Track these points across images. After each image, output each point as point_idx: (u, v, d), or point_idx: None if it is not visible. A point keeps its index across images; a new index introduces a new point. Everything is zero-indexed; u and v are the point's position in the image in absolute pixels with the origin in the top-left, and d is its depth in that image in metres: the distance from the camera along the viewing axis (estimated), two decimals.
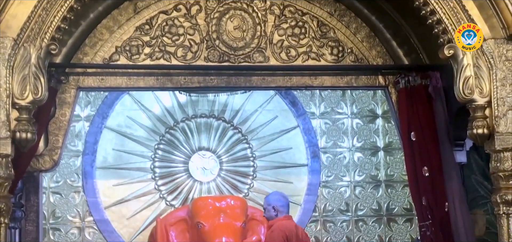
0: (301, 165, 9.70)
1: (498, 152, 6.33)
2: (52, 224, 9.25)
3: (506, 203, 6.31)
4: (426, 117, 7.27)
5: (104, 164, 9.45)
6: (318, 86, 7.97)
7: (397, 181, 9.69)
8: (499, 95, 6.30)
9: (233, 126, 9.66)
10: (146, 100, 9.44)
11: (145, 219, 9.39)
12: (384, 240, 9.72)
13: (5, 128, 5.92)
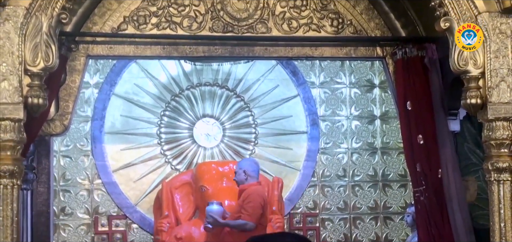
0: (301, 133, 9.75)
1: (490, 121, 6.34)
2: (62, 186, 9.32)
3: (497, 170, 6.33)
4: (422, 87, 7.26)
5: (112, 129, 9.50)
6: (318, 57, 7.96)
7: (392, 148, 9.74)
8: (492, 67, 6.30)
9: (236, 94, 9.69)
10: (152, 68, 9.46)
11: (151, 182, 9.45)
12: (379, 205, 9.78)
13: (18, 94, 5.93)
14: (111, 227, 9.41)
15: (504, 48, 6.32)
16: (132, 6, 7.40)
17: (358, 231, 9.74)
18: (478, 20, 6.32)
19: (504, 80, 6.29)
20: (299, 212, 9.69)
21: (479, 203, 7.85)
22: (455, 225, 7.11)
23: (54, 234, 8.43)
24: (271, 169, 9.55)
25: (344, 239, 9.69)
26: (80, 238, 9.36)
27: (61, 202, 9.27)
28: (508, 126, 6.33)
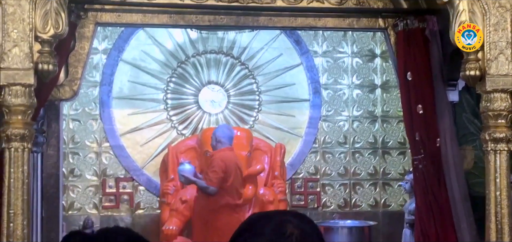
0: (303, 100, 9.76)
1: (488, 92, 6.33)
2: (72, 148, 9.36)
3: (494, 141, 6.34)
4: (422, 59, 7.25)
5: (120, 95, 9.52)
6: (321, 27, 7.95)
7: (392, 117, 9.75)
8: (491, 40, 6.28)
9: (240, 62, 9.69)
10: (159, 35, 9.46)
11: (158, 146, 9.49)
12: (379, 171, 9.81)
13: (28, 60, 5.92)
14: (118, 189, 9.47)
15: (503, 21, 6.29)
16: None
17: (357, 196, 9.79)
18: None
19: (502, 52, 6.28)
20: (301, 177, 9.75)
21: (476, 171, 7.87)
22: (452, 192, 7.13)
23: (63, 195, 8.48)
24: (274, 136, 9.59)
25: (344, 204, 9.75)
26: (89, 199, 9.42)
27: (70, 164, 9.31)
28: (506, 97, 6.32)
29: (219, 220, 7.86)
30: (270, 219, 1.62)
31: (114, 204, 9.44)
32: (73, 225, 8.98)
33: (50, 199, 7.72)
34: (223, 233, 7.79)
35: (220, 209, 7.86)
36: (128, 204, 9.45)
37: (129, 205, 9.44)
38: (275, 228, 1.58)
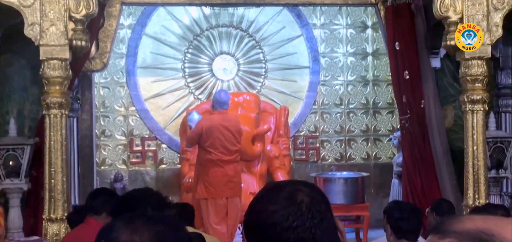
0: (304, 67, 9.71)
1: (466, 60, 6.32)
2: (103, 112, 9.37)
3: (472, 102, 6.35)
4: (408, 30, 7.22)
5: (144, 64, 9.50)
6: (319, 3, 7.94)
7: (382, 81, 9.72)
8: (469, 13, 6.25)
9: (248, 34, 9.64)
10: (177, 12, 9.40)
11: (177, 109, 9.49)
12: (370, 128, 9.81)
13: (64, 37, 5.93)
14: (144, 147, 9.49)
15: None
16: None
17: (351, 150, 9.78)
18: None
19: (479, 24, 6.25)
20: (302, 135, 9.74)
21: (456, 128, 7.85)
22: (434, 147, 7.16)
23: (96, 153, 8.51)
24: (279, 99, 9.56)
25: (340, 157, 9.75)
26: (118, 156, 9.44)
27: (101, 126, 9.33)
28: (482, 64, 6.32)
29: (207, 174, 7.80)
30: (283, 188, 1.61)
31: (140, 160, 9.47)
32: (105, 179, 9.05)
33: (85, 157, 7.78)
34: (210, 184, 7.77)
35: (206, 164, 7.76)
36: (153, 160, 9.48)
37: (154, 161, 9.47)
38: (287, 197, 1.57)
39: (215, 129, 7.67)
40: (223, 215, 7.63)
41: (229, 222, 7.65)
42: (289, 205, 1.55)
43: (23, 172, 6.62)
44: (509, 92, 7.72)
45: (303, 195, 1.57)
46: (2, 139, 6.87)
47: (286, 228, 1.53)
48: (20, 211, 6.69)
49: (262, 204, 1.58)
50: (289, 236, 1.53)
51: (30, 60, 6.91)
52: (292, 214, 1.54)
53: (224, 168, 7.66)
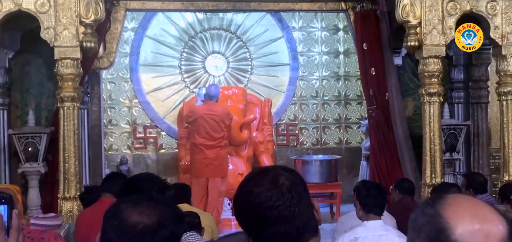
0: (285, 64, 9.73)
1: (424, 58, 6.36)
2: (109, 104, 9.35)
3: (429, 95, 6.39)
4: (374, 32, 7.24)
5: (145, 62, 9.47)
6: (298, 9, 7.92)
7: (352, 76, 9.75)
8: (427, 18, 6.28)
9: (236, 36, 9.64)
10: (174, 16, 9.38)
11: (175, 101, 9.48)
12: (342, 117, 9.84)
13: (75, 39, 5.91)
14: (146, 134, 9.48)
15: (436, 3, 6.30)
16: None
17: (326, 136, 9.83)
18: None
19: (435, 28, 6.29)
20: (284, 123, 9.77)
21: (415, 117, 7.91)
22: (397, 133, 7.19)
23: (104, 139, 8.49)
24: (263, 92, 9.56)
25: (316, 142, 9.79)
26: (123, 142, 9.43)
27: (108, 116, 9.31)
28: (437, 62, 6.36)
29: (194, 155, 7.91)
30: (267, 173, 1.62)
31: (143, 145, 9.46)
32: (112, 162, 9.04)
33: (95, 144, 7.76)
34: (193, 164, 7.90)
35: (191, 147, 7.96)
36: (154, 145, 9.47)
37: (154, 146, 9.47)
38: (271, 180, 1.58)
39: (200, 118, 7.76)
40: (203, 194, 7.65)
41: (209, 199, 7.69)
42: (272, 187, 1.56)
43: (40, 157, 6.61)
44: (461, 86, 7.77)
45: (284, 178, 1.58)
46: (22, 128, 6.86)
47: (269, 207, 1.55)
48: (38, 191, 6.69)
49: (249, 186, 1.60)
50: (272, 214, 1.55)
51: (46, 59, 6.89)
52: (274, 195, 1.56)
53: (205, 152, 7.73)
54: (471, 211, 1.27)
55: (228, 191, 8.24)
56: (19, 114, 7.24)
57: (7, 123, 6.94)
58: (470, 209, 1.27)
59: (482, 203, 1.31)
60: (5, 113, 6.94)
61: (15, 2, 5.87)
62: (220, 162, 7.84)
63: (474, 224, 1.25)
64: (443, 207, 1.29)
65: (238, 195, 1.64)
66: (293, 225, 1.56)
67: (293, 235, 1.56)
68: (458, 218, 1.26)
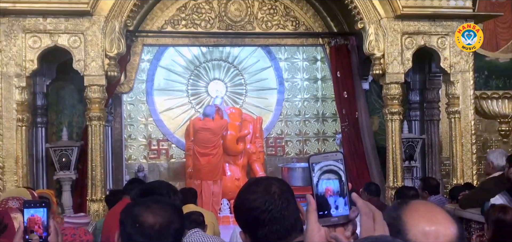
0: (273, 89, 9.71)
1: (387, 84, 6.42)
2: (129, 122, 9.30)
3: (391, 113, 6.45)
4: (347, 63, 7.30)
5: (158, 87, 9.43)
6: (283, 44, 7.97)
7: (328, 98, 9.74)
8: (388, 51, 6.35)
9: (233, 65, 9.62)
10: (182, 50, 9.35)
11: (183, 119, 9.42)
12: (320, 131, 9.83)
13: (101, 69, 5.93)
14: (159, 146, 9.42)
15: (396, 39, 6.37)
16: (170, 13, 7.35)
17: (307, 147, 9.80)
18: (381, 22, 6.33)
19: (395, 59, 6.35)
20: (272, 136, 9.74)
21: (380, 132, 7.92)
22: (365, 145, 7.23)
23: (125, 151, 8.46)
24: (255, 111, 9.54)
25: (299, 152, 9.76)
26: (140, 153, 9.37)
27: (128, 131, 9.26)
28: (398, 87, 6.42)
29: (195, 160, 8.07)
30: (261, 182, 1.64)
31: (156, 156, 9.41)
32: (131, 170, 8.98)
33: (117, 155, 7.75)
34: (199, 171, 8.00)
35: (195, 154, 8.11)
36: (165, 155, 9.42)
37: (166, 156, 9.41)
38: (264, 188, 1.60)
39: (197, 131, 7.93)
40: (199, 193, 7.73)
41: (203, 198, 7.78)
42: (265, 194, 1.58)
43: (72, 166, 6.61)
44: (417, 106, 7.81)
45: (275, 187, 1.60)
46: (57, 143, 6.85)
47: (263, 210, 1.57)
48: (70, 194, 6.67)
49: (246, 193, 1.61)
50: (266, 216, 1.56)
51: (77, 85, 6.90)
52: (267, 201, 1.57)
53: (200, 159, 7.89)
54: (426, 216, 1.28)
55: (226, 192, 8.26)
56: (54, 131, 7.22)
57: (45, 138, 6.93)
58: (426, 214, 1.28)
59: (438, 208, 1.32)
60: (43, 130, 6.93)
61: (52, 39, 5.89)
62: (210, 168, 7.95)
63: (427, 227, 1.26)
64: (404, 211, 1.30)
65: (238, 201, 1.65)
66: (283, 225, 1.57)
67: (283, 233, 1.57)
68: (414, 221, 1.27)
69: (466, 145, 6.52)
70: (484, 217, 3.83)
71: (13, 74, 5.82)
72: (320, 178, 1.32)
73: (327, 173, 1.32)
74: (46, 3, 5.86)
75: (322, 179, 1.32)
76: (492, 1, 8.10)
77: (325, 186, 1.32)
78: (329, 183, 1.32)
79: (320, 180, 1.32)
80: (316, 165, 1.32)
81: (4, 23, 5.86)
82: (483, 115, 8.10)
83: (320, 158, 1.33)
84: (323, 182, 1.32)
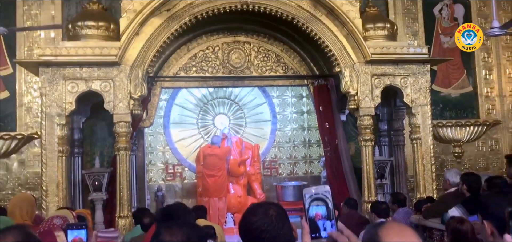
0: (267, 121, 9.72)
1: (361, 116, 6.45)
2: (149, 150, 9.27)
3: (365, 140, 6.46)
4: (327, 99, 7.34)
5: (174, 121, 9.43)
6: (276, 85, 8.02)
7: (313, 128, 9.72)
8: (361, 90, 6.40)
9: (235, 102, 9.65)
10: (193, 91, 9.38)
11: (194, 147, 9.38)
12: (307, 155, 9.80)
13: (127, 109, 5.96)
14: (175, 170, 9.37)
15: (367, 80, 6.42)
16: (183, 62, 7.41)
17: (297, 168, 9.75)
18: (354, 66, 6.38)
19: (367, 96, 6.39)
20: (268, 160, 9.69)
21: (356, 155, 7.90)
22: (344, 166, 7.22)
23: (146, 174, 8.41)
24: (253, 139, 9.53)
25: (290, 173, 9.71)
26: (159, 176, 9.32)
27: (149, 158, 9.22)
28: (369, 118, 6.44)
29: (204, 181, 8.11)
30: (261, 206, 1.65)
31: (172, 178, 9.35)
32: (152, 190, 8.91)
33: (140, 178, 7.70)
34: (207, 190, 8.00)
35: (204, 176, 8.14)
36: (180, 177, 9.37)
37: (180, 178, 9.36)
38: (263, 212, 1.62)
39: (205, 157, 7.94)
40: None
41: (210, 213, 7.78)
42: (264, 217, 1.59)
43: (103, 188, 6.57)
44: (386, 134, 7.80)
45: (272, 211, 1.61)
46: (91, 169, 6.82)
47: (263, 230, 1.58)
48: (102, 212, 6.61)
49: (249, 216, 1.63)
50: (265, 235, 1.58)
51: (107, 122, 6.90)
52: (266, 222, 1.59)
53: (207, 180, 7.91)
54: (398, 234, 1.30)
55: (230, 207, 8.21)
56: (89, 160, 7.21)
57: (81, 166, 6.91)
58: (398, 233, 1.31)
59: (409, 229, 1.35)
60: (79, 159, 6.92)
61: (87, 85, 5.93)
62: (216, 187, 7.95)
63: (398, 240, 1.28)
64: (380, 229, 1.33)
65: (242, 222, 1.67)
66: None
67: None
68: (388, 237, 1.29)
69: (427, 165, 6.54)
70: (444, 226, 3.83)
71: (55, 114, 5.85)
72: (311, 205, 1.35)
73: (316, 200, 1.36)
74: (82, 56, 5.92)
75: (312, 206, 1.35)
76: (444, 47, 8.22)
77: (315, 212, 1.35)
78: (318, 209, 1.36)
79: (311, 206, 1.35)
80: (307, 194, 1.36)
81: (48, 72, 5.92)
82: (440, 140, 8.13)
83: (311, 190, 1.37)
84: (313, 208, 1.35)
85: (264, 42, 7.52)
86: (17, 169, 7.18)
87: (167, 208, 3.00)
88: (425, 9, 8.16)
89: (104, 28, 6.03)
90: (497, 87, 8.33)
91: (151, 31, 6.04)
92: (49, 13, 7.22)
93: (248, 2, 6.19)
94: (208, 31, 7.36)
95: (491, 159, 8.40)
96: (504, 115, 8.37)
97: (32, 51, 7.12)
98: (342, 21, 6.31)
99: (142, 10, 5.99)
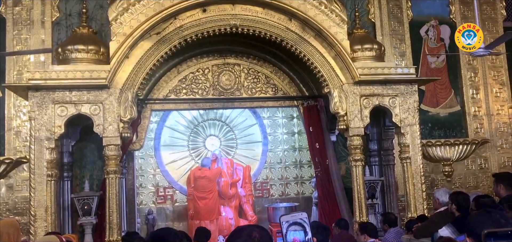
0: (258, 142, 9.72)
1: (351, 136, 6.49)
2: (140, 173, 9.20)
3: (355, 160, 6.48)
4: (317, 120, 7.38)
5: (165, 143, 9.38)
6: (266, 106, 8.04)
7: (304, 148, 9.75)
8: (350, 110, 6.45)
9: (226, 124, 9.66)
10: (184, 112, 9.38)
11: (185, 170, 9.35)
12: (299, 176, 9.79)
13: (117, 132, 5.94)
14: (165, 193, 9.31)
15: (356, 101, 6.47)
16: (173, 84, 7.44)
17: (288, 189, 9.74)
18: (343, 87, 6.45)
19: (356, 116, 6.44)
20: (259, 181, 9.68)
21: (347, 175, 7.93)
22: (335, 186, 7.24)
23: (136, 197, 8.34)
24: (244, 161, 9.52)
25: (281, 194, 9.69)
26: (150, 199, 9.24)
27: (139, 181, 9.15)
28: (359, 138, 6.47)
29: (195, 204, 8.07)
30: (245, 229, 1.66)
31: (163, 200, 9.28)
32: (142, 213, 8.84)
33: (130, 201, 7.63)
34: (199, 213, 7.91)
35: (195, 199, 8.13)
36: (171, 200, 9.31)
37: (171, 201, 9.29)
38: (247, 234, 1.63)
39: (196, 179, 7.93)
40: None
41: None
42: (248, 239, 1.60)
43: (93, 212, 6.51)
44: (376, 153, 7.84)
45: (256, 233, 1.62)
46: (80, 193, 6.76)
47: None
48: (91, 237, 6.53)
49: (233, 239, 1.64)
50: None
51: (97, 145, 6.88)
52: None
53: (198, 202, 7.88)
54: None
55: (221, 229, 8.15)
56: (78, 183, 7.15)
57: (70, 190, 6.85)
58: None
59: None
60: (68, 182, 6.86)
61: (76, 108, 5.92)
62: (208, 209, 7.92)
63: None
64: None
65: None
66: None
67: None
68: None
69: (417, 184, 6.56)
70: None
71: (44, 138, 5.83)
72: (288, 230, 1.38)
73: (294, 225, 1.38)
74: (72, 79, 5.93)
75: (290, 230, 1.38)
76: (431, 67, 8.34)
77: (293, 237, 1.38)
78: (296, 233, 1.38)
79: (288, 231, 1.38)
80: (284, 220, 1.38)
81: (37, 96, 5.91)
82: (429, 159, 8.18)
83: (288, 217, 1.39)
84: (290, 233, 1.38)
85: (253, 63, 7.58)
86: (5, 193, 7.09)
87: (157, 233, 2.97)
88: (412, 30, 8.30)
89: (94, 51, 6.06)
90: (485, 106, 8.45)
91: (141, 54, 6.08)
92: (39, 37, 7.24)
93: (237, 24, 6.27)
94: (198, 54, 7.41)
95: (480, 178, 8.46)
96: (493, 134, 8.47)
97: (22, 75, 7.11)
98: (330, 42, 6.40)
99: (132, 33, 6.03)
